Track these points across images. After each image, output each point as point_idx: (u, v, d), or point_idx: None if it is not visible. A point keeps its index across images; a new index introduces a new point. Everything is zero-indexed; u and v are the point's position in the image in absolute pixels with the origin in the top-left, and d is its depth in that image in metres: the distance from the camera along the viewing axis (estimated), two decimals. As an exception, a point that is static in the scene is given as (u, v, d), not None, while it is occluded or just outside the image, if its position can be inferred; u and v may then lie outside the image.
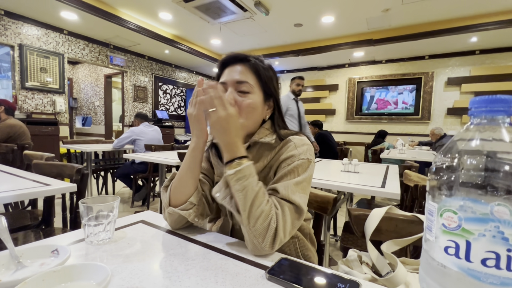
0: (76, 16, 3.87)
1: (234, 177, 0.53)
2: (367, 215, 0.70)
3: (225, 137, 0.56)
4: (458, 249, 0.21)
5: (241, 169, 0.54)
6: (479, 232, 0.21)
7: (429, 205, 0.25)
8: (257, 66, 0.65)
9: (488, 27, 3.64)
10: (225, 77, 0.66)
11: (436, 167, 0.25)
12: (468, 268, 0.21)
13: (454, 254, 0.22)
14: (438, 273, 0.23)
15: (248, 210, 0.52)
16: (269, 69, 0.68)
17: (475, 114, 0.24)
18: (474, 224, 0.21)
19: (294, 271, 0.47)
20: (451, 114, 5.03)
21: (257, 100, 0.65)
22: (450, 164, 0.24)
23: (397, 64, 5.47)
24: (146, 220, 0.71)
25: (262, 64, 0.67)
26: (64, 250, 0.44)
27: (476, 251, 0.21)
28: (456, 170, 0.23)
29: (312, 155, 0.64)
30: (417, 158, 2.98)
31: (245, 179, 0.53)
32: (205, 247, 0.57)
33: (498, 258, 0.20)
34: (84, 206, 0.55)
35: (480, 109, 0.23)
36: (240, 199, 0.53)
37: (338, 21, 3.99)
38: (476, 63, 4.84)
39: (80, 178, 1.17)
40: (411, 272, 0.60)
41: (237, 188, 0.53)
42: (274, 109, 0.71)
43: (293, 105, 3.20)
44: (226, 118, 0.54)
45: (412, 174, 1.36)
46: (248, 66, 0.65)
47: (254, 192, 0.53)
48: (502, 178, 0.22)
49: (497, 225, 0.20)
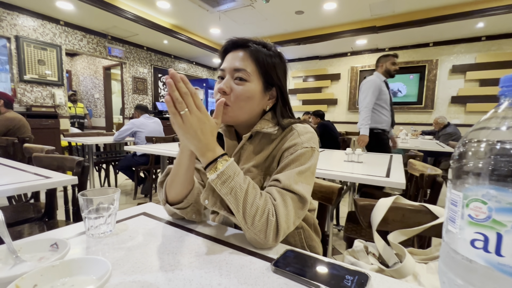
0: (72, 6, 3.78)
1: (218, 181, 0.49)
2: (374, 205, 0.69)
3: (203, 140, 0.50)
4: (487, 242, 0.20)
5: (223, 170, 0.49)
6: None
7: (452, 194, 0.23)
8: (257, 53, 0.61)
9: (496, 11, 3.53)
10: (224, 64, 0.63)
11: (460, 152, 0.23)
12: (499, 263, 0.19)
13: (482, 247, 0.20)
14: (462, 267, 0.21)
15: (242, 210, 0.50)
16: (274, 56, 0.63)
17: (507, 93, 0.22)
18: (507, 215, 0.19)
19: (300, 263, 0.45)
20: (455, 103, 4.95)
21: (253, 88, 0.60)
22: (477, 149, 0.22)
23: (401, 51, 5.36)
24: (148, 212, 0.69)
25: (266, 50, 0.62)
26: (64, 244, 0.43)
27: (508, 244, 0.19)
28: (484, 156, 0.21)
29: (316, 143, 0.62)
30: (420, 147, 2.95)
31: (230, 179, 0.50)
32: (208, 239, 0.55)
33: (534, 252, 0.18)
34: (83, 199, 0.54)
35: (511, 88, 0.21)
36: (231, 202, 0.50)
37: (340, 8, 3.88)
38: (482, 50, 4.73)
39: (81, 170, 1.16)
40: (419, 262, 0.59)
41: (225, 191, 0.50)
42: (277, 99, 0.66)
43: (385, 89, 2.63)
44: (203, 119, 0.49)
45: (417, 163, 1.34)
46: (248, 52, 0.61)
47: (243, 190, 0.50)
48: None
49: (533, 216, 0.18)
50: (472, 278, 0.20)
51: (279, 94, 0.66)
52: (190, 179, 0.60)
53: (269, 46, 0.64)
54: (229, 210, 0.54)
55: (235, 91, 0.59)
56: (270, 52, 0.63)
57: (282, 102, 0.67)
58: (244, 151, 0.65)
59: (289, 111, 0.69)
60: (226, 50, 0.65)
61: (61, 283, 0.34)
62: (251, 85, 0.60)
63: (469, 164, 0.22)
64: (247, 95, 0.60)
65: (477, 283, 0.20)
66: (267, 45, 0.64)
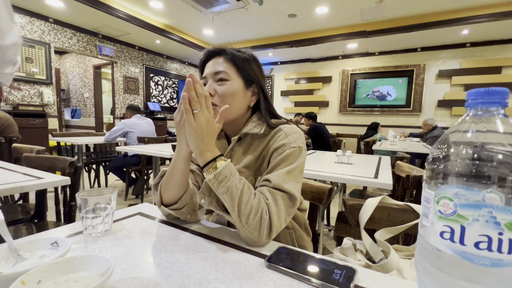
0: (62, 4, 3.72)
1: (215, 181, 0.52)
2: (362, 204, 0.72)
3: (206, 140, 0.53)
4: (453, 233, 0.23)
5: (220, 171, 0.52)
6: (473, 217, 0.22)
7: (426, 193, 0.26)
8: (233, 56, 0.67)
9: (480, 19, 3.68)
10: (205, 72, 0.68)
11: (433, 157, 0.26)
12: (462, 251, 0.22)
13: (449, 238, 0.23)
14: (433, 256, 0.25)
15: (237, 209, 0.52)
16: (247, 57, 0.69)
17: (472, 105, 0.25)
18: (469, 210, 0.22)
19: (292, 259, 0.48)
20: (442, 106, 5.12)
21: (235, 86, 0.65)
22: (446, 154, 0.25)
23: (390, 56, 5.51)
24: (143, 212, 0.71)
25: (241, 54, 0.68)
26: (64, 242, 0.44)
27: (470, 235, 0.22)
28: (451, 160, 0.24)
29: (303, 143, 0.65)
30: (408, 149, 3.04)
31: (227, 179, 0.52)
32: (204, 237, 0.57)
33: (490, 241, 0.21)
34: (81, 199, 0.55)
35: (476, 101, 0.24)
36: (227, 201, 0.52)
37: (332, 12, 3.96)
38: (467, 56, 4.92)
39: (73, 171, 1.15)
40: (403, 258, 0.63)
41: (221, 191, 0.52)
42: (259, 95, 0.71)
43: None
44: (212, 121, 0.54)
45: (404, 165, 1.39)
46: (224, 57, 0.67)
47: (238, 190, 0.53)
48: (495, 167, 0.23)
49: (490, 210, 0.21)
50: (441, 265, 0.24)
51: (259, 90, 0.71)
52: (185, 181, 0.62)
53: (243, 51, 0.70)
54: (224, 209, 0.56)
55: (219, 91, 0.64)
56: (245, 55, 0.68)
57: (264, 98, 0.71)
58: (234, 153, 0.68)
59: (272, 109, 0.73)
60: (205, 61, 0.70)
61: (65, 279, 0.36)
62: (232, 83, 0.65)
63: (440, 167, 0.25)
64: (231, 93, 0.64)
65: (445, 269, 0.23)
66: (241, 50, 0.70)
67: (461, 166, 0.23)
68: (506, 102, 0.23)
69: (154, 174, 2.56)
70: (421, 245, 0.26)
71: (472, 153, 0.24)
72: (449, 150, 0.25)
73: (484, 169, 0.23)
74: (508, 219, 0.21)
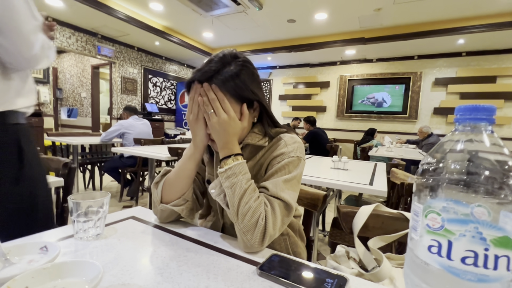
0: (62, 3, 3.71)
1: (224, 175, 0.57)
2: (356, 212, 0.72)
3: (224, 138, 0.59)
4: (440, 248, 0.23)
5: (231, 167, 0.57)
6: (460, 232, 0.22)
7: (415, 206, 0.26)
8: (225, 83, 0.58)
9: (476, 29, 3.75)
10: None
11: (422, 169, 0.27)
12: (449, 266, 0.23)
13: (437, 252, 0.23)
14: (421, 269, 0.25)
15: (237, 206, 0.55)
16: (241, 70, 0.59)
17: (460, 121, 0.25)
18: (456, 225, 0.22)
19: (284, 267, 0.48)
20: (437, 114, 5.17)
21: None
22: (435, 167, 0.26)
23: (387, 63, 5.56)
24: (136, 216, 0.70)
25: (230, 68, 0.58)
26: (54, 247, 0.43)
27: (457, 250, 0.22)
28: (440, 173, 0.25)
29: (302, 153, 0.65)
30: (404, 156, 3.06)
31: (234, 176, 0.56)
32: (196, 243, 0.57)
33: (476, 256, 0.21)
34: (73, 202, 0.54)
35: (465, 117, 0.25)
36: (229, 196, 0.56)
37: (331, 18, 4.00)
38: (462, 65, 4.99)
39: (67, 172, 1.14)
40: (395, 267, 0.63)
41: (227, 185, 0.56)
42: (260, 108, 0.67)
43: None
44: (228, 121, 0.58)
45: (399, 172, 1.40)
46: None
47: (242, 189, 0.55)
48: (482, 182, 0.23)
49: (476, 226, 0.22)
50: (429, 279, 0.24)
51: (259, 104, 0.67)
52: (190, 182, 0.66)
53: (231, 62, 0.59)
54: (227, 204, 0.58)
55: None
56: (236, 68, 0.59)
57: (266, 111, 0.68)
58: None
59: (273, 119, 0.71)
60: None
61: (53, 285, 0.35)
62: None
63: (429, 180, 0.25)
64: (241, 127, 0.63)
65: (432, 283, 0.23)
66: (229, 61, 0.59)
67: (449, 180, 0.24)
68: (493, 118, 0.24)
69: (149, 176, 2.54)
70: (410, 258, 0.26)
71: (460, 168, 0.24)
72: (438, 164, 0.25)
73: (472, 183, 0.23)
74: (494, 235, 0.21)
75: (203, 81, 0.58)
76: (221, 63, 0.59)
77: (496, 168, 0.23)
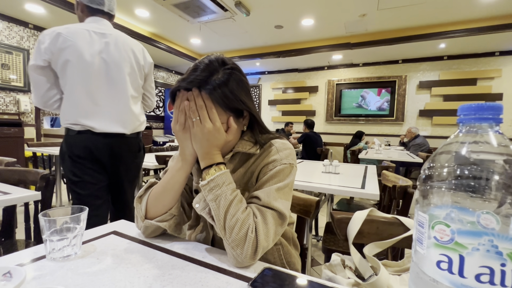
0: (43, 10, 3.61)
1: (207, 187, 0.53)
2: (350, 218, 0.70)
3: (205, 148, 0.55)
4: (451, 264, 0.20)
5: (214, 178, 0.53)
6: (473, 246, 0.20)
7: (419, 216, 0.24)
8: (213, 92, 0.54)
9: (455, 34, 3.89)
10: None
11: (425, 175, 0.24)
12: (462, 284, 0.20)
13: (447, 269, 0.21)
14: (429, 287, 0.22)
15: (223, 219, 0.51)
16: (229, 77, 0.55)
17: (464, 121, 0.23)
18: (468, 238, 0.20)
19: (278, 282, 0.45)
20: (423, 116, 5.31)
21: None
22: (439, 173, 0.23)
23: (373, 67, 5.69)
24: (118, 231, 0.65)
25: (217, 77, 0.54)
26: (18, 273, 0.39)
27: (470, 266, 0.20)
28: (445, 179, 0.23)
29: (294, 160, 0.63)
30: (392, 158, 3.11)
31: (218, 188, 0.52)
32: (183, 259, 0.53)
33: (493, 273, 0.19)
34: (45, 220, 0.49)
35: (469, 117, 0.23)
36: (214, 209, 0.52)
37: (317, 24, 4.06)
38: (444, 68, 5.16)
39: (45, 185, 1.07)
40: (392, 274, 0.61)
41: (210, 197, 0.52)
42: (249, 116, 0.63)
43: None
44: (212, 132, 0.54)
45: (390, 175, 1.40)
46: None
47: (227, 201, 0.52)
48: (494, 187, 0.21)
49: (491, 238, 0.19)
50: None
51: (248, 112, 0.63)
52: (178, 196, 0.61)
53: (218, 69, 0.55)
54: (213, 219, 0.53)
55: None
56: (223, 77, 0.54)
57: (255, 119, 0.64)
58: None
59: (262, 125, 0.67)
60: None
61: (13, 319, 0.31)
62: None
63: (433, 187, 0.23)
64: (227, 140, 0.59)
65: (444, 304, 0.21)
66: (216, 68, 0.55)
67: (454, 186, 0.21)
68: (500, 118, 0.22)
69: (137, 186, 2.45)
70: (416, 274, 0.24)
71: (465, 172, 0.22)
72: (442, 169, 0.23)
73: (482, 189, 0.21)
74: (511, 249, 0.19)
75: (190, 90, 0.55)
76: (208, 71, 0.54)
77: (507, 171, 0.20)
